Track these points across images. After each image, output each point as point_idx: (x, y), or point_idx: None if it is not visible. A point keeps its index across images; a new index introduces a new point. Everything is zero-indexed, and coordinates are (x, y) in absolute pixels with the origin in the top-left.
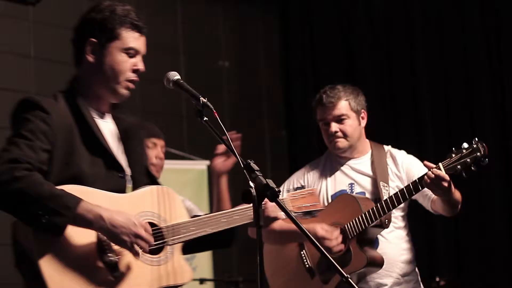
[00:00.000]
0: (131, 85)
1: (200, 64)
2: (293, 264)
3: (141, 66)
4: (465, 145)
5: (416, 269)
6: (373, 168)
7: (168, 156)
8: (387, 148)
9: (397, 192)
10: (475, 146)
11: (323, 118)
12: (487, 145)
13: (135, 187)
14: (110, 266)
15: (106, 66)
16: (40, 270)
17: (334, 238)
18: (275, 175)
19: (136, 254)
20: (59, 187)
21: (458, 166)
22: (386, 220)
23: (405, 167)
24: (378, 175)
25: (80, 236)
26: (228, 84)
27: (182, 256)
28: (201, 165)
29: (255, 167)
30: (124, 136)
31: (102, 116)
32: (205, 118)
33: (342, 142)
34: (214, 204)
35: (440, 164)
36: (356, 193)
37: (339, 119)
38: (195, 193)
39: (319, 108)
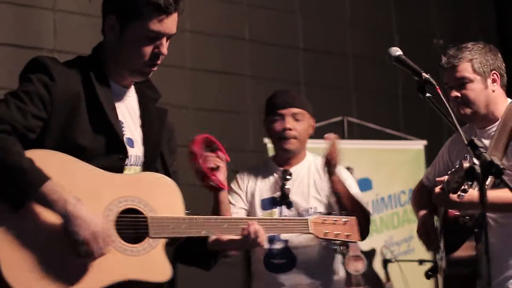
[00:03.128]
0: (152, 69)
1: (414, 42)
2: None
3: (163, 50)
4: None
5: None
6: (492, 140)
7: (384, 136)
8: None
9: None
10: None
11: (445, 82)
12: None
13: (145, 166)
14: (74, 243)
15: (124, 47)
16: None
17: None
18: None
19: (80, 254)
20: (36, 152)
21: None
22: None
23: None
24: (490, 148)
25: (44, 211)
26: None
27: (163, 252)
28: (418, 145)
29: (479, 143)
30: (145, 112)
31: (124, 90)
32: (427, 94)
33: (464, 109)
34: None
35: None
36: None
37: (461, 84)
38: (411, 173)
39: (443, 71)
